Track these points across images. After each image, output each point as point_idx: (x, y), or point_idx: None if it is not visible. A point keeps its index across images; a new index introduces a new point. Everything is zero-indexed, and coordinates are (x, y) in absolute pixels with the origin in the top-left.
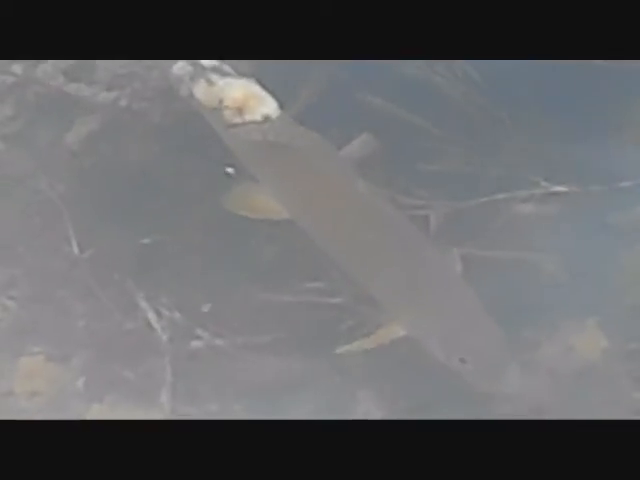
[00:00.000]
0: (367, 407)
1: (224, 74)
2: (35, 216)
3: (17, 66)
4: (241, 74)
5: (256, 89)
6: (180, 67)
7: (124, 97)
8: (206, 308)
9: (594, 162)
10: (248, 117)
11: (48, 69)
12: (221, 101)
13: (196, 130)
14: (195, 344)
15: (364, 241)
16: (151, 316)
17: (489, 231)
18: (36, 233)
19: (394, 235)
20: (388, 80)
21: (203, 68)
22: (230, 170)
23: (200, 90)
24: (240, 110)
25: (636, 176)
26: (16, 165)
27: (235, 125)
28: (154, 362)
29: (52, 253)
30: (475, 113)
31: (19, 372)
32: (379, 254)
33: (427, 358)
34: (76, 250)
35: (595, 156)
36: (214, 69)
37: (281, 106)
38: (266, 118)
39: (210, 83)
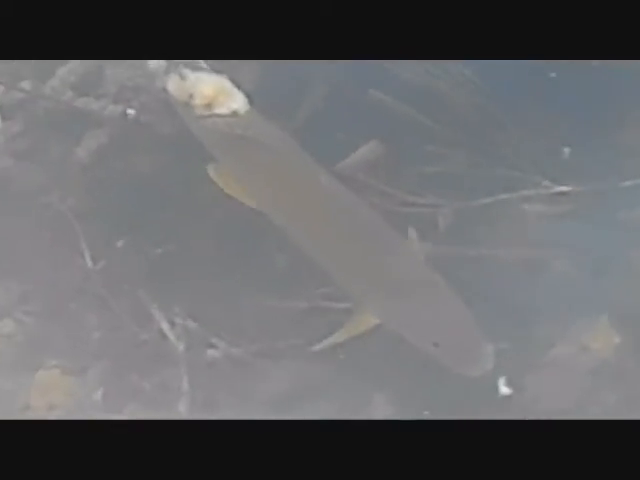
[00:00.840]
0: (384, 410)
1: (197, 69)
2: (47, 230)
3: (26, 82)
4: (214, 70)
5: (226, 85)
6: (155, 61)
7: (132, 110)
8: (120, 244)
9: (597, 161)
10: (217, 112)
11: (56, 84)
12: (191, 96)
13: None
14: (211, 353)
15: (329, 234)
16: (165, 326)
17: (498, 231)
18: (48, 247)
19: (358, 227)
20: (390, 85)
21: (177, 63)
22: (131, 112)
23: (172, 84)
24: (209, 106)
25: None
26: (27, 180)
27: (204, 116)
28: (170, 372)
29: (65, 266)
30: (477, 115)
31: (36, 386)
32: (345, 246)
33: None
34: (89, 262)
35: (598, 155)
36: (187, 64)
37: (251, 102)
38: (235, 113)
39: (182, 78)
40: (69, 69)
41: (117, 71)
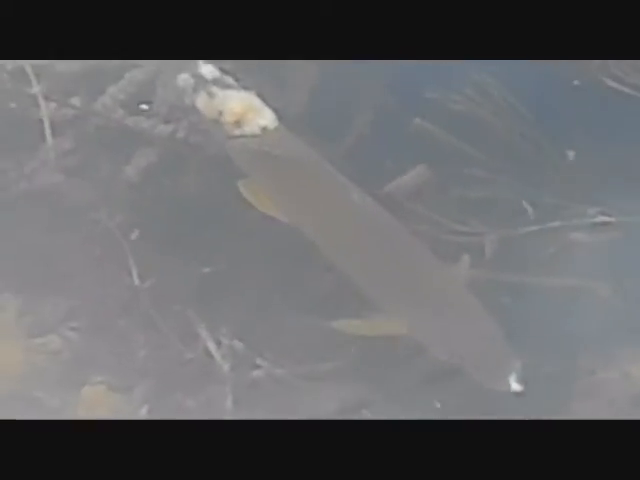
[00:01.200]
0: None
1: (225, 86)
2: (95, 247)
3: (76, 99)
4: (243, 87)
5: (255, 101)
6: (183, 79)
7: (181, 129)
8: (134, 236)
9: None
10: (246, 129)
11: (107, 102)
12: (221, 113)
13: None
14: (256, 373)
15: (361, 248)
16: (211, 345)
17: (542, 259)
18: (96, 264)
19: (390, 242)
20: (434, 114)
21: (205, 80)
22: (144, 107)
23: (201, 102)
24: (238, 123)
25: None
26: (76, 196)
27: (233, 137)
28: (215, 391)
29: (112, 283)
30: (521, 144)
31: (82, 402)
32: (377, 261)
33: None
34: (136, 280)
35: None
36: (216, 81)
37: (279, 118)
38: (264, 130)
39: (211, 95)
40: (120, 87)
41: (167, 90)
